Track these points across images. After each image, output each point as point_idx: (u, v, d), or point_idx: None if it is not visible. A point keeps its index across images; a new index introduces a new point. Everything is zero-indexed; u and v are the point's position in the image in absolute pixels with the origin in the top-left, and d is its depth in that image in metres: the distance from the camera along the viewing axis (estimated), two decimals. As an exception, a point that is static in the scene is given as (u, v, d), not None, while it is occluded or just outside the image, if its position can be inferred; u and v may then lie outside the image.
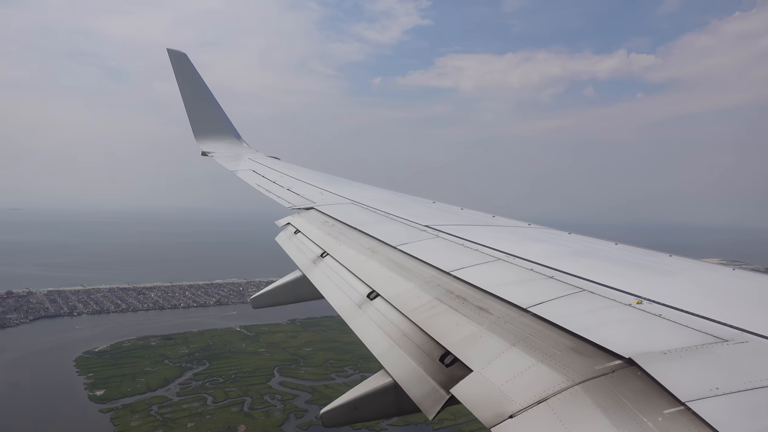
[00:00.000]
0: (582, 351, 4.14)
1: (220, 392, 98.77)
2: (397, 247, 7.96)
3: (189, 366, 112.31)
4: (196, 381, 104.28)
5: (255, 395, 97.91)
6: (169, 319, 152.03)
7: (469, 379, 4.37)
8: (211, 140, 20.37)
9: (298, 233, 10.46)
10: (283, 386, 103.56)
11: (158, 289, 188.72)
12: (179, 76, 19.76)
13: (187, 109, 20.05)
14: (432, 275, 6.58)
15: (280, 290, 10.12)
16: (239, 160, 18.94)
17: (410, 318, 5.70)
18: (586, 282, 5.70)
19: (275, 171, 16.64)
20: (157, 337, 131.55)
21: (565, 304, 5.15)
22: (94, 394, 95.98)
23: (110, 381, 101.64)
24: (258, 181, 15.28)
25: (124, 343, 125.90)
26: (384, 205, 11.37)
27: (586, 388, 3.70)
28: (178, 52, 19.91)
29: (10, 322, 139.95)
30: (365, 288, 6.96)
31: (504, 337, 4.71)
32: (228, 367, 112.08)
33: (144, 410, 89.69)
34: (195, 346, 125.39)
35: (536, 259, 6.70)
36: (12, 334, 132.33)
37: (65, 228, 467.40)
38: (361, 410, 5.80)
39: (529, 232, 9.29)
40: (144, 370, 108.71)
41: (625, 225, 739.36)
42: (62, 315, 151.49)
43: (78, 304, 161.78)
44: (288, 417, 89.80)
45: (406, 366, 5.13)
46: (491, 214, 10.61)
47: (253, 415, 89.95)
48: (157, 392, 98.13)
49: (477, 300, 5.58)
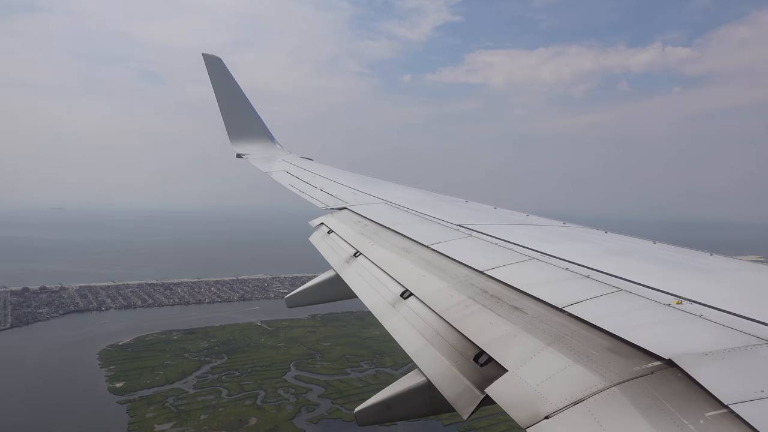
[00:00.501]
0: (619, 351, 4.09)
1: (236, 385, 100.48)
2: (430, 246, 7.95)
3: (207, 360, 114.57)
4: (213, 374, 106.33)
5: (269, 389, 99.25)
6: (192, 314, 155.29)
7: (504, 379, 4.34)
8: (245, 142, 20.65)
9: (332, 233, 10.51)
10: (297, 380, 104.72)
11: (185, 285, 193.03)
12: (214, 79, 20.03)
13: (222, 112, 20.33)
14: (465, 274, 6.58)
15: (314, 290, 10.20)
16: (273, 161, 19.17)
17: (444, 317, 5.70)
18: (624, 281, 5.61)
19: (308, 172, 16.82)
20: (180, 331, 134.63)
21: (601, 303, 5.08)
22: (114, 386, 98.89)
23: (130, 373, 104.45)
24: (291, 182, 15.47)
25: (147, 337, 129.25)
26: (416, 205, 11.37)
27: (624, 390, 3.64)
28: (212, 56, 20.19)
29: (41, 316, 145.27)
30: (399, 287, 6.96)
31: (539, 337, 4.68)
32: (245, 361, 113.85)
33: (160, 402, 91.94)
34: (215, 340, 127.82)
35: (571, 258, 6.62)
36: (42, 327, 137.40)
37: (102, 226, 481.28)
38: (394, 409, 5.79)
39: (564, 231, 9.18)
40: (164, 363, 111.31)
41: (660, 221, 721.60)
42: (91, 310, 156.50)
43: (107, 299, 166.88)
44: (299, 411, 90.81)
45: (440, 365, 5.13)
46: (525, 213, 10.53)
47: (265, 409, 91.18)
48: (175, 385, 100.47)
49: (511, 299, 5.55)
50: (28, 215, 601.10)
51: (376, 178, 16.57)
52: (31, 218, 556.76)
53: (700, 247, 7.60)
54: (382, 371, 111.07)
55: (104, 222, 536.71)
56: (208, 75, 19.94)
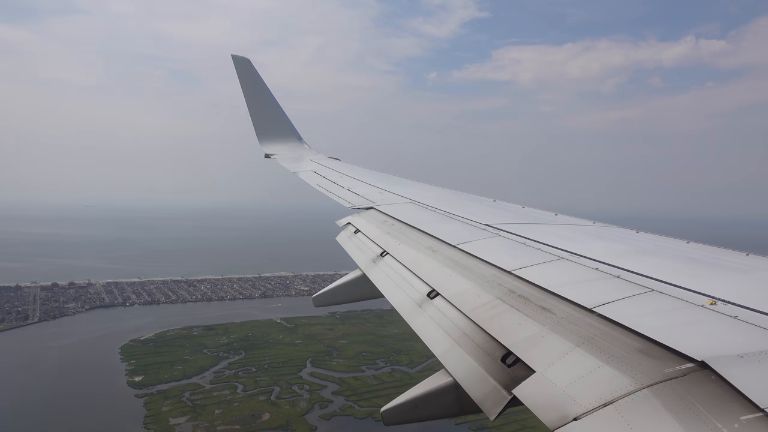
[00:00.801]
0: (650, 353, 4.03)
1: (251, 381, 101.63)
2: (456, 246, 7.93)
3: (225, 355, 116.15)
4: (230, 370, 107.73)
5: (284, 385, 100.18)
6: (214, 311, 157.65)
7: (532, 380, 4.31)
8: (273, 143, 20.86)
9: (358, 233, 10.52)
10: (313, 377, 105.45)
11: (208, 282, 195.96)
12: (243, 80, 20.26)
13: (251, 113, 20.57)
14: (493, 274, 6.55)
15: (341, 289, 10.21)
16: (301, 161, 19.32)
17: (471, 317, 5.68)
18: (655, 282, 5.54)
19: (335, 171, 16.92)
20: (200, 327, 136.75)
21: (632, 304, 5.01)
22: (133, 379, 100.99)
23: (150, 368, 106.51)
24: (319, 182, 15.59)
25: (168, 333, 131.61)
26: (443, 204, 11.37)
27: (656, 392, 3.58)
28: (241, 57, 20.41)
29: (68, 311, 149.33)
30: (425, 287, 6.96)
31: (568, 338, 4.63)
32: (262, 357, 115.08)
33: (176, 396, 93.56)
34: (234, 337, 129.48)
35: (601, 258, 6.55)
36: (69, 322, 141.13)
37: (132, 223, 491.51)
38: (421, 409, 5.79)
39: (594, 230, 9.11)
40: (183, 358, 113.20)
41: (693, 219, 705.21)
42: (116, 305, 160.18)
43: (132, 295, 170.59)
44: (312, 407, 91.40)
45: (467, 365, 5.10)
46: (554, 212, 10.46)
47: (279, 404, 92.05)
48: (192, 380, 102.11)
49: (539, 300, 5.51)
50: (61, 212, 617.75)
51: (403, 178, 16.61)
52: (65, 215, 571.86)
53: (736, 247, 7.43)
54: (398, 369, 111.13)
55: (133, 219, 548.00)
56: (236, 75, 20.21)
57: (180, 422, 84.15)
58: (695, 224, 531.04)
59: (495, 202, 12.06)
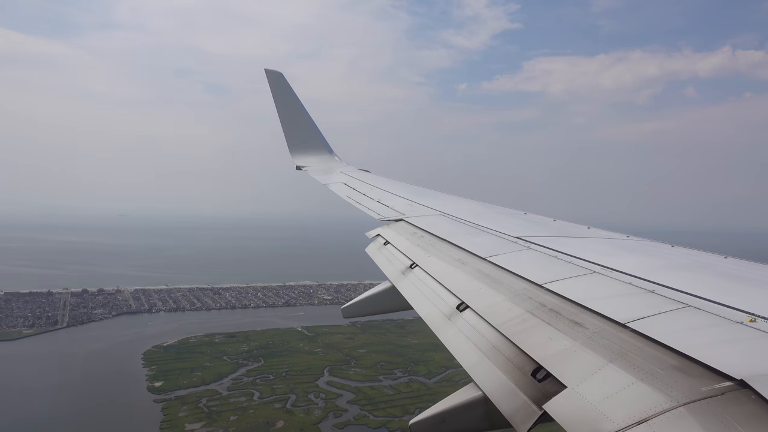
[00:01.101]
0: (687, 370, 3.92)
1: (268, 389, 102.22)
2: (486, 258, 7.91)
3: (245, 363, 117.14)
4: (248, 377, 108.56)
5: (300, 393, 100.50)
6: (237, 318, 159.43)
7: (563, 396, 4.23)
8: (305, 155, 21.22)
9: (388, 244, 10.58)
10: (329, 386, 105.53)
11: (233, 290, 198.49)
12: (276, 94, 20.67)
13: (283, 126, 20.97)
14: (523, 287, 6.50)
15: (370, 301, 10.20)
16: (331, 173, 19.55)
17: (501, 331, 5.64)
18: (691, 297, 5.41)
19: (365, 183, 17.09)
20: (222, 334, 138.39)
21: (667, 320, 4.91)
22: (153, 385, 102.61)
23: (170, 374, 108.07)
24: (349, 194, 15.75)
25: (191, 339, 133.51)
26: (473, 217, 11.34)
27: (692, 410, 3.47)
28: (274, 71, 20.81)
29: (95, 317, 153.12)
30: (454, 299, 6.94)
31: (600, 353, 4.55)
32: (281, 365, 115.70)
33: (194, 402, 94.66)
34: (255, 344, 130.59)
35: (635, 272, 6.44)
36: (95, 327, 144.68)
37: (163, 233, 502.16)
38: (449, 423, 5.74)
39: (628, 244, 8.99)
40: (203, 365, 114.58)
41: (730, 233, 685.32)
42: (142, 312, 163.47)
43: (158, 302, 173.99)
44: (327, 416, 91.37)
45: (497, 379, 5.05)
46: (586, 226, 10.37)
47: (294, 412, 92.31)
48: (210, 386, 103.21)
49: (571, 314, 5.44)
50: (96, 221, 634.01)
51: (432, 190, 16.66)
52: (99, 224, 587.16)
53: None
54: (415, 380, 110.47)
55: (165, 228, 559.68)
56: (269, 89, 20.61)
57: (195, 428, 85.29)
58: (733, 238, 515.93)
59: (526, 215, 11.97)
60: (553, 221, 11.06)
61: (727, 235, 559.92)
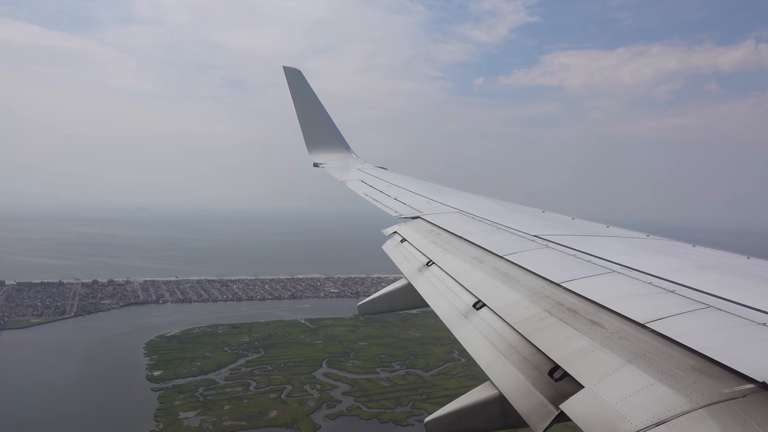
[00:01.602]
0: (707, 372, 3.86)
1: (265, 379, 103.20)
2: (504, 256, 7.89)
3: (245, 353, 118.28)
4: (246, 368, 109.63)
5: (296, 384, 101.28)
6: (242, 310, 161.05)
7: (580, 396, 4.20)
8: (322, 152, 21.40)
9: (404, 242, 10.61)
10: (326, 377, 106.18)
11: (241, 282, 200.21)
12: (294, 91, 20.86)
13: (301, 123, 21.17)
14: (541, 286, 6.48)
15: (386, 298, 10.22)
16: (348, 170, 19.67)
17: (518, 329, 5.62)
18: (713, 298, 5.33)
19: (382, 181, 17.17)
20: (226, 325, 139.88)
21: (687, 320, 4.84)
22: (152, 374, 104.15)
23: (170, 363, 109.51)
24: (366, 191, 15.84)
25: (194, 330, 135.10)
26: (491, 215, 11.32)
27: (713, 412, 3.42)
28: (293, 69, 20.97)
29: (103, 307, 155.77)
30: (471, 298, 6.94)
31: (619, 353, 4.51)
32: (280, 357, 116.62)
33: (190, 391, 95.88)
34: (257, 336, 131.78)
35: (655, 272, 6.38)
36: (102, 317, 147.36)
37: (182, 226, 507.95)
38: (465, 421, 5.75)
39: (648, 243, 8.91)
40: (203, 355, 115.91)
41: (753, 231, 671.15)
42: (149, 302, 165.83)
43: (166, 293, 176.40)
44: (320, 406, 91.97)
45: (513, 379, 5.03)
46: (605, 224, 10.29)
47: (288, 402, 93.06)
48: (209, 376, 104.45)
49: (589, 313, 5.40)
50: (117, 215, 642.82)
51: (450, 187, 16.69)
52: (119, 217, 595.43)
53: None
54: (412, 372, 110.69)
55: (184, 222, 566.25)
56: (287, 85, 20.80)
57: (189, 416, 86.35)
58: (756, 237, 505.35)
59: (544, 213, 11.89)
60: (572, 219, 10.98)
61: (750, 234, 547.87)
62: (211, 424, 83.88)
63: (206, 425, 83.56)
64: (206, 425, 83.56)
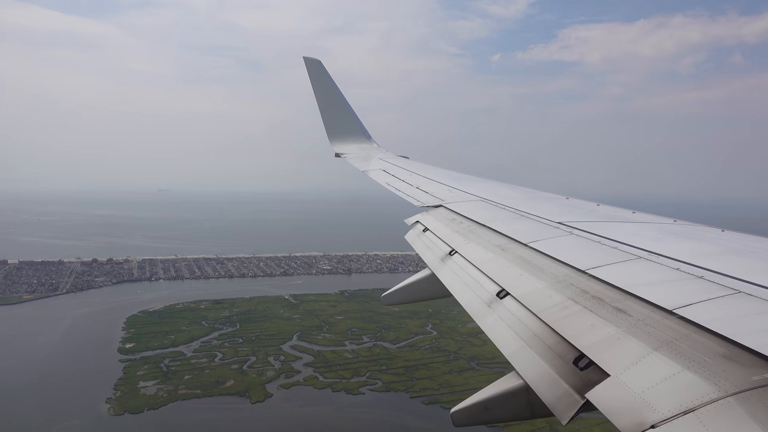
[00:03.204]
0: (736, 359, 3.81)
1: (232, 351, 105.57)
2: (528, 244, 7.85)
3: (220, 327, 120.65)
4: (218, 340, 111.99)
5: (261, 356, 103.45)
6: (230, 287, 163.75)
7: (606, 384, 4.18)
8: (343, 142, 21.50)
9: (427, 231, 10.58)
10: (293, 349, 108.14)
11: (237, 260, 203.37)
12: (314, 82, 20.92)
13: (322, 113, 21.28)
14: (565, 274, 6.42)
15: (410, 288, 10.31)
16: (370, 160, 19.68)
17: (542, 318, 5.60)
18: (743, 283, 5.25)
19: (404, 170, 17.19)
20: (209, 301, 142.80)
21: (717, 306, 4.77)
22: (124, 346, 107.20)
23: (144, 337, 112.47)
24: (388, 180, 15.88)
25: (177, 306, 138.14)
26: (513, 202, 11.26)
27: (742, 401, 3.39)
28: (313, 59, 21.02)
29: (96, 284, 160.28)
30: (494, 287, 6.92)
31: (645, 341, 4.47)
32: (254, 330, 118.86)
33: (155, 363, 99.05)
34: (237, 310, 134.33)
35: (683, 258, 6.30)
36: (93, 294, 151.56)
37: (198, 206, 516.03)
38: (492, 411, 5.77)
39: (675, 228, 8.74)
40: (180, 329, 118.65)
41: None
42: (142, 280, 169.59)
43: (160, 271, 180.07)
44: (279, 377, 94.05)
45: (538, 368, 5.02)
46: (631, 210, 10.18)
47: (248, 373, 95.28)
48: (179, 348, 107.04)
49: (615, 301, 5.34)
50: (136, 197, 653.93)
51: (471, 175, 16.61)
52: (138, 199, 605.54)
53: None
54: (380, 345, 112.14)
55: (200, 202, 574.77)
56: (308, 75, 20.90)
57: (148, 385, 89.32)
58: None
59: (568, 200, 11.76)
60: (596, 206, 10.87)
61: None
62: (167, 393, 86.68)
63: (161, 393, 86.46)
64: (161, 393, 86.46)
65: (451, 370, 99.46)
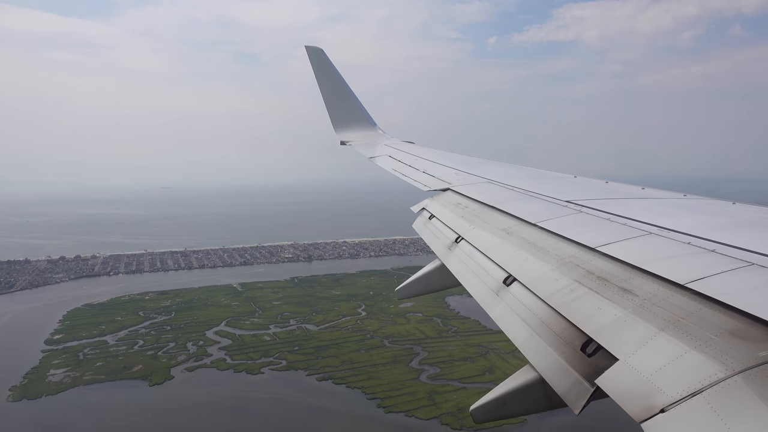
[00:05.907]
0: (743, 335, 3.75)
1: (154, 338, 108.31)
2: (536, 224, 7.78)
3: (154, 316, 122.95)
4: (145, 329, 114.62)
5: (181, 342, 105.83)
6: (185, 278, 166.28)
7: (615, 369, 4.12)
8: (348, 130, 21.40)
9: (433, 218, 10.50)
10: (216, 335, 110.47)
11: (203, 252, 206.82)
12: (317, 70, 20.80)
13: (326, 102, 21.24)
14: (571, 254, 6.35)
15: (422, 281, 10.29)
16: (375, 147, 19.57)
17: (549, 303, 5.54)
18: (756, 255, 5.16)
19: (410, 155, 17.09)
20: (155, 292, 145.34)
21: (728, 279, 4.71)
22: (51, 337, 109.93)
23: (75, 328, 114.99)
24: (394, 166, 15.81)
25: (122, 298, 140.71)
26: (521, 183, 11.19)
27: (748, 378, 3.34)
28: (315, 48, 20.84)
29: (53, 281, 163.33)
30: (501, 273, 6.84)
31: (651, 321, 4.40)
32: (185, 318, 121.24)
33: (74, 352, 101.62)
34: (179, 300, 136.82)
35: (694, 232, 6.21)
36: (46, 290, 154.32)
37: (191, 202, 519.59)
38: (510, 405, 5.74)
39: (685, 202, 8.65)
40: (114, 319, 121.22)
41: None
42: (101, 274, 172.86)
43: (122, 266, 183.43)
44: (188, 361, 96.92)
45: (548, 357, 4.98)
46: (641, 186, 10.05)
47: (160, 358, 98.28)
48: (105, 337, 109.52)
49: (620, 280, 5.29)
50: (138, 195, 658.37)
51: (479, 158, 16.51)
52: (138, 197, 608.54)
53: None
54: (303, 327, 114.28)
55: (197, 198, 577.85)
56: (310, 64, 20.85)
57: (56, 373, 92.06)
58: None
59: (576, 179, 11.67)
60: (605, 183, 10.80)
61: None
62: (71, 379, 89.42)
63: (66, 380, 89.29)
64: (66, 380, 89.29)
65: (360, 348, 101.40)
